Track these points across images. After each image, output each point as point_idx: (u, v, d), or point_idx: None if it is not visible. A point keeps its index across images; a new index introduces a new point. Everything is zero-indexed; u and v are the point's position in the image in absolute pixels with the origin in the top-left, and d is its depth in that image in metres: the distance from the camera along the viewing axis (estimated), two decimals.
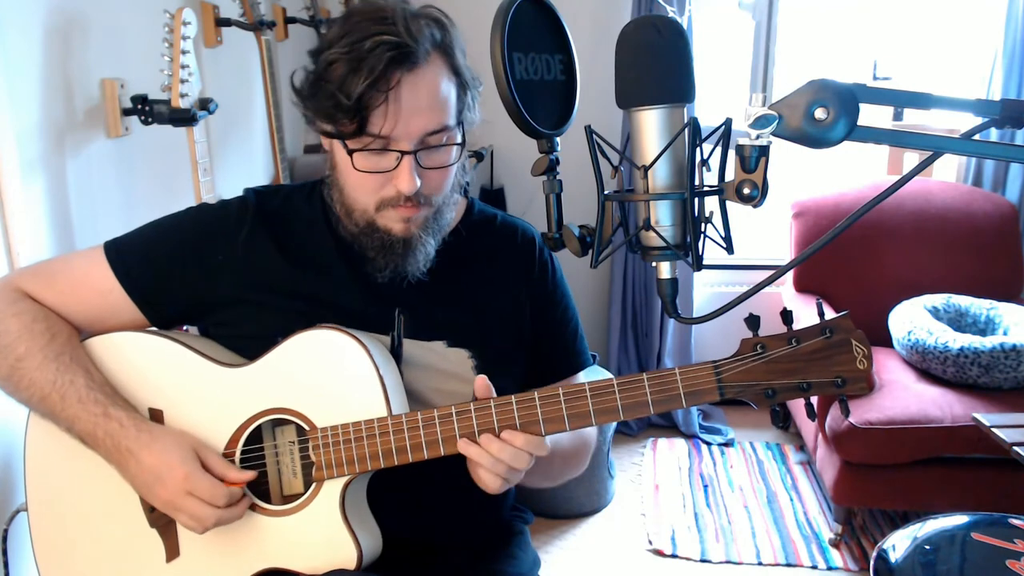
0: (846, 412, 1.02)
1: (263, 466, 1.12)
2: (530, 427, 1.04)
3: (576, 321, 1.31)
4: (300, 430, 1.10)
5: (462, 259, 1.20)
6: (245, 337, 1.16)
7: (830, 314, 1.01)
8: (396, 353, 1.15)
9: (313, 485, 1.09)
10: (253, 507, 1.10)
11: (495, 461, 1.03)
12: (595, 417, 1.04)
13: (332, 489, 1.08)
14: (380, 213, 1.10)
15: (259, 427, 1.11)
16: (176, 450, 1.05)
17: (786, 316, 1.02)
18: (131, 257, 1.16)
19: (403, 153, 1.05)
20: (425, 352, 1.17)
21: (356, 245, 1.14)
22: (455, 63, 1.08)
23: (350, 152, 1.06)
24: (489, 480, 1.05)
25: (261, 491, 1.11)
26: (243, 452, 1.11)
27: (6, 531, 1.28)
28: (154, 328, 1.19)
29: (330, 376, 1.08)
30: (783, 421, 1.03)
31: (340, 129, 1.05)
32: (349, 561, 1.07)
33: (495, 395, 1.06)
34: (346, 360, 1.07)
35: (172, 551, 1.11)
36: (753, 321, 1.02)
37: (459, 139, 1.11)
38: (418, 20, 1.05)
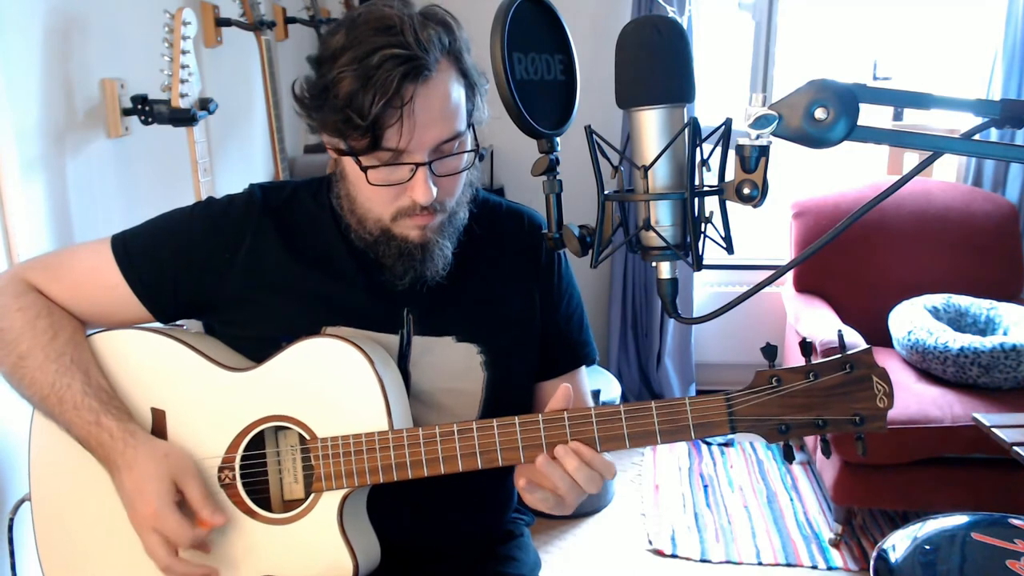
0: (863, 451, 0.98)
1: (264, 472, 1.12)
2: (531, 451, 1.03)
3: (582, 310, 1.29)
4: (301, 439, 1.09)
5: (470, 252, 1.18)
6: (250, 338, 1.15)
7: (849, 337, 0.97)
8: (404, 352, 1.15)
9: (312, 495, 1.08)
10: (252, 514, 1.10)
11: (567, 478, 1.02)
12: (600, 444, 1.02)
13: (331, 500, 1.07)
14: (396, 222, 1.08)
15: (261, 432, 1.11)
16: (153, 481, 1.03)
17: (805, 347, 0.98)
18: (137, 254, 1.15)
19: (417, 165, 1.03)
20: (434, 348, 1.16)
21: (371, 252, 1.13)
22: (463, 66, 1.05)
23: (364, 169, 1.03)
24: (550, 499, 1.05)
25: (261, 498, 1.11)
26: (244, 457, 1.10)
27: (11, 520, 1.28)
28: (159, 326, 1.18)
29: (333, 386, 1.08)
30: (793, 457, 1.00)
31: (351, 144, 1.02)
32: (345, 573, 1.07)
33: (570, 404, 1.04)
34: (349, 371, 1.07)
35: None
36: (769, 352, 0.99)
37: (470, 144, 1.09)
38: (426, 27, 1.00)
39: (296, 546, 1.08)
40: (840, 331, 1.00)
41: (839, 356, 0.98)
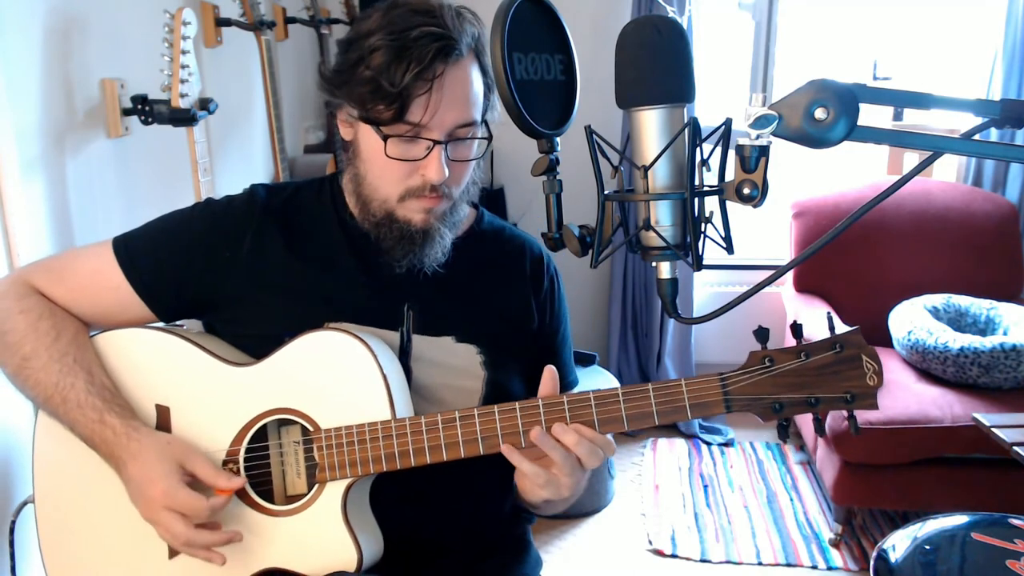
0: (855, 429, 1.00)
1: (267, 465, 1.12)
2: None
3: (570, 340, 1.33)
4: (305, 431, 1.10)
5: (472, 259, 1.21)
6: (252, 335, 1.16)
7: (840, 327, 1.00)
8: (405, 349, 1.16)
9: (316, 486, 1.09)
10: (256, 506, 1.10)
11: (566, 455, 1.03)
12: (599, 426, 1.04)
13: (334, 491, 1.08)
14: (402, 204, 1.11)
15: (264, 426, 1.12)
16: (158, 464, 1.05)
17: (796, 329, 1.01)
18: (139, 255, 1.16)
19: (435, 142, 1.07)
20: (434, 348, 1.17)
21: (372, 237, 1.15)
22: (484, 63, 1.11)
23: (385, 138, 1.07)
24: (544, 482, 1.04)
25: (264, 491, 1.11)
26: (247, 451, 1.11)
27: (13, 523, 1.29)
28: (161, 324, 1.19)
29: (335, 378, 1.09)
30: (788, 435, 1.02)
31: (375, 115, 1.06)
32: (349, 563, 1.07)
33: (557, 387, 1.06)
34: (351, 363, 1.08)
35: (174, 548, 1.11)
36: (762, 334, 1.01)
37: (482, 134, 1.13)
38: (461, 16, 1.08)
39: (301, 537, 1.09)
40: (829, 313, 1.03)
41: (829, 337, 1.00)
